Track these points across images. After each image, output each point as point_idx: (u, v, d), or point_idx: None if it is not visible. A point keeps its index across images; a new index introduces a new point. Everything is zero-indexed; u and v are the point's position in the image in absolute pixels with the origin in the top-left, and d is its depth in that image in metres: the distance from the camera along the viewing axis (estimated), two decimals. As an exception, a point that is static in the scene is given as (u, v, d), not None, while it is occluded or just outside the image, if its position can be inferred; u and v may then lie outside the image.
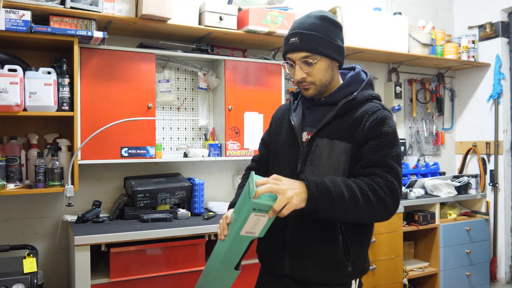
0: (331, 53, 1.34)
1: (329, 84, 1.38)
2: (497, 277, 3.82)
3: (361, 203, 1.21)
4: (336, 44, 1.35)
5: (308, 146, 1.38)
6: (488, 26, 3.82)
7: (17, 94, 2.07)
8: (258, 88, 2.77)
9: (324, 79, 1.36)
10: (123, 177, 2.63)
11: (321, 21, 1.34)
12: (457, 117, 4.16)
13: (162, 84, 2.71)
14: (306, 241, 1.34)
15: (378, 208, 1.23)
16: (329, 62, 1.35)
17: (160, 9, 2.32)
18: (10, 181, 2.19)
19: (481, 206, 3.70)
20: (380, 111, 1.34)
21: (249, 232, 1.23)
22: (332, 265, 1.32)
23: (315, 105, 1.43)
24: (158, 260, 2.19)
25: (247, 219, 1.19)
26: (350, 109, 1.35)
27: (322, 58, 1.33)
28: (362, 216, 1.24)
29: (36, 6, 2.08)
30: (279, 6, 2.75)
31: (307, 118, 1.44)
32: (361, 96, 1.37)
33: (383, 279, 2.91)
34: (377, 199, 1.23)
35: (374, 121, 1.31)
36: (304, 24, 1.34)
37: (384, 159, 1.28)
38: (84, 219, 2.34)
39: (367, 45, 3.15)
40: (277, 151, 1.49)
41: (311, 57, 1.32)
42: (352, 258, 1.33)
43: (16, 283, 1.91)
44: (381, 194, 1.23)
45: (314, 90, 1.38)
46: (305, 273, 1.34)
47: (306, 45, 1.32)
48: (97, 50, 2.34)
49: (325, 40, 1.32)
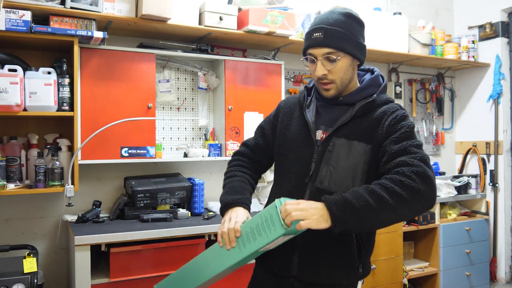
0: (354, 51, 1.32)
1: (348, 83, 1.36)
2: (497, 277, 3.82)
3: (392, 203, 1.13)
4: (359, 42, 1.33)
5: (323, 145, 1.34)
6: (488, 26, 3.82)
7: (17, 94, 2.07)
8: (258, 88, 2.77)
9: (345, 77, 1.33)
10: (123, 177, 2.63)
11: (345, 17, 1.31)
12: (457, 117, 4.16)
13: (162, 84, 2.71)
14: (318, 241, 1.30)
15: (412, 199, 1.14)
16: (351, 60, 1.33)
17: (160, 9, 2.32)
18: (10, 181, 2.19)
19: (481, 206, 3.70)
20: (398, 110, 1.32)
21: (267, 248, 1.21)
22: (346, 266, 1.30)
23: (332, 103, 1.39)
24: (158, 260, 2.19)
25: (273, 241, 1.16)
26: (368, 111, 1.33)
27: (345, 56, 1.30)
28: (401, 214, 1.16)
29: (36, 6, 2.08)
30: (279, 6, 2.76)
31: (322, 117, 1.40)
32: (380, 99, 1.35)
33: (383, 279, 2.91)
34: (408, 191, 1.14)
35: (393, 119, 1.29)
36: (329, 19, 1.30)
37: (407, 147, 1.22)
38: (84, 219, 2.34)
39: (367, 45, 3.13)
40: (286, 147, 1.43)
41: (335, 53, 1.29)
42: (364, 259, 1.33)
43: (16, 283, 1.91)
44: (410, 183, 1.14)
45: (335, 90, 1.34)
46: (316, 274, 1.31)
47: (331, 41, 1.29)
48: (97, 50, 2.34)
49: (349, 38, 1.30)
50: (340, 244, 1.30)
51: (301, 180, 1.35)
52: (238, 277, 2.32)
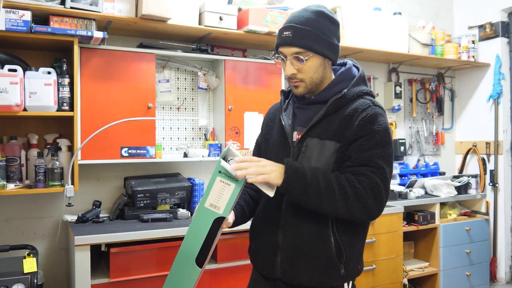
0: (324, 51, 1.29)
1: (320, 82, 1.34)
2: (497, 277, 3.82)
3: (337, 197, 1.21)
4: (330, 41, 1.30)
5: (298, 146, 1.34)
6: (488, 26, 3.82)
7: (17, 94, 2.07)
8: (258, 88, 2.77)
9: (315, 77, 1.32)
10: (123, 177, 2.63)
11: (317, 16, 1.29)
12: (457, 117, 4.16)
13: (162, 84, 2.71)
14: (298, 243, 1.31)
15: (354, 205, 1.22)
16: (321, 60, 1.30)
17: (160, 9, 2.32)
18: (10, 181, 2.19)
19: (481, 206, 3.70)
20: (370, 108, 1.29)
21: (213, 205, 1.18)
22: (325, 267, 1.29)
23: (306, 103, 1.39)
24: (158, 260, 2.19)
25: (212, 185, 1.16)
26: (340, 107, 1.31)
27: (314, 55, 1.28)
28: (338, 210, 1.23)
29: (36, 6, 2.08)
30: (279, 6, 2.75)
31: (298, 118, 1.40)
32: (352, 93, 1.32)
33: (383, 279, 2.91)
34: (355, 197, 1.21)
35: (363, 119, 1.27)
36: (300, 18, 1.29)
37: (372, 159, 1.24)
38: (84, 219, 2.34)
39: (367, 45, 3.15)
40: (268, 151, 1.45)
41: (303, 53, 1.28)
42: (345, 260, 1.30)
43: (16, 283, 1.91)
44: (361, 192, 1.21)
45: (304, 88, 1.34)
46: (297, 276, 1.31)
47: (299, 40, 1.27)
48: (97, 50, 2.34)
49: (319, 37, 1.28)
50: (318, 246, 1.29)
51: None
52: (238, 278, 2.32)
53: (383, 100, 3.72)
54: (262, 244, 1.41)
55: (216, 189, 1.16)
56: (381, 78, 3.74)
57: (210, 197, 1.18)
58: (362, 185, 1.22)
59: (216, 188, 1.16)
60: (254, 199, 1.52)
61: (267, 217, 1.40)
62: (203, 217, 1.20)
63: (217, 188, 1.16)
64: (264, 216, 1.42)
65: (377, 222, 2.85)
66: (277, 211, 1.36)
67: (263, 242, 1.40)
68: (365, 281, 2.83)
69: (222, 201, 1.18)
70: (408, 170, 3.70)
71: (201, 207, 1.20)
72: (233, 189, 1.17)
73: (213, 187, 1.16)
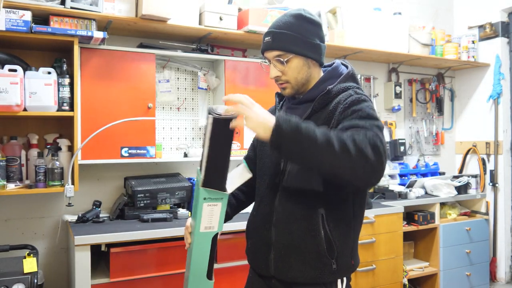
0: (304, 51, 1.33)
1: (306, 82, 1.38)
2: (497, 277, 3.82)
3: (337, 149, 1.08)
4: (310, 42, 1.34)
5: None
6: (488, 26, 3.82)
7: (17, 94, 2.07)
8: (258, 88, 2.77)
9: (299, 77, 1.36)
10: (123, 177, 2.63)
11: (295, 19, 1.34)
12: (457, 117, 4.16)
13: (162, 84, 2.71)
14: (289, 239, 1.33)
15: (357, 159, 1.08)
16: (303, 60, 1.34)
17: (160, 9, 2.32)
18: (10, 181, 2.19)
19: (481, 206, 3.70)
20: (352, 96, 1.29)
21: (208, 227, 1.22)
22: (316, 263, 1.29)
23: (295, 103, 1.43)
24: (158, 260, 2.19)
25: (201, 211, 1.19)
26: (326, 103, 1.34)
27: (295, 57, 1.33)
28: (339, 166, 1.10)
29: (36, 6, 2.08)
30: (279, 6, 2.76)
31: None
32: (337, 89, 1.35)
33: (383, 279, 2.91)
34: (357, 149, 1.09)
35: (344, 106, 1.27)
36: (278, 23, 1.35)
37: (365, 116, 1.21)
38: (84, 219, 2.34)
39: (367, 45, 3.15)
40: (263, 152, 1.48)
41: (283, 55, 1.33)
42: (336, 255, 1.30)
43: (16, 283, 1.91)
44: (361, 144, 1.09)
45: (291, 89, 1.38)
46: (290, 273, 1.32)
47: (278, 44, 1.33)
48: (97, 50, 2.34)
49: (298, 39, 1.32)
50: (308, 241, 1.30)
51: (273, 180, 1.39)
52: (238, 278, 2.32)
53: (383, 100, 3.72)
54: (256, 243, 1.43)
55: (205, 213, 1.21)
56: (381, 78, 3.74)
57: (203, 222, 1.23)
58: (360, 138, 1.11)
59: (205, 213, 1.21)
60: (237, 198, 1.57)
61: (261, 216, 1.43)
62: (202, 240, 1.26)
63: (206, 212, 1.21)
64: (258, 215, 1.45)
65: (377, 222, 2.85)
66: (270, 209, 1.38)
67: (257, 241, 1.43)
68: (365, 281, 2.83)
69: (214, 220, 1.23)
70: (408, 170, 3.70)
71: (197, 233, 1.24)
72: (221, 206, 1.22)
73: (203, 213, 1.21)
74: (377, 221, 2.85)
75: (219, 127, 1.16)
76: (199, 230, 1.23)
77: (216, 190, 1.19)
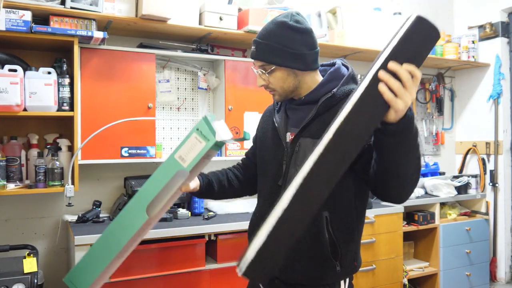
0: (286, 62, 1.30)
1: (295, 89, 1.36)
2: (497, 277, 3.82)
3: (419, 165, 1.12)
4: (293, 52, 1.30)
5: (291, 146, 1.36)
6: (488, 26, 3.82)
7: (17, 94, 2.07)
8: (258, 88, 2.75)
9: (285, 86, 1.35)
10: (123, 177, 2.63)
11: (278, 28, 1.30)
12: (457, 117, 4.16)
13: (162, 84, 2.71)
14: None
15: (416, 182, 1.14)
16: (287, 71, 1.32)
17: (160, 9, 2.32)
18: (10, 181, 2.19)
19: (481, 206, 3.70)
20: None
21: (181, 158, 1.19)
22: (320, 265, 1.30)
23: (296, 104, 1.41)
24: (158, 260, 2.19)
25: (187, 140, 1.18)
26: (330, 106, 1.32)
27: (277, 68, 1.32)
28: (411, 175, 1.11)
29: (36, 6, 2.09)
30: (279, 6, 2.76)
31: (290, 118, 1.42)
32: (341, 92, 1.33)
33: (383, 279, 2.91)
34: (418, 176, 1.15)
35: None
36: (262, 32, 1.33)
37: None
38: (84, 219, 2.34)
39: (367, 45, 3.15)
40: (264, 152, 1.48)
41: (266, 66, 1.33)
42: (340, 257, 1.30)
43: (16, 283, 1.91)
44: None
45: (279, 96, 1.38)
46: (294, 274, 1.32)
47: (261, 55, 1.32)
48: (97, 50, 2.34)
49: (279, 50, 1.29)
50: (313, 244, 1.30)
51: (275, 182, 1.38)
52: (238, 277, 2.32)
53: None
54: None
55: (189, 144, 1.18)
56: (381, 78, 3.73)
57: (181, 150, 1.20)
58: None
59: (189, 143, 1.18)
60: (230, 180, 1.57)
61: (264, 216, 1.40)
62: (168, 167, 1.22)
63: (190, 143, 1.18)
64: (260, 216, 1.44)
65: (377, 222, 2.85)
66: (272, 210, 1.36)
67: None
68: (365, 281, 2.83)
69: (190, 156, 1.19)
70: (408, 170, 3.69)
71: (171, 157, 1.21)
72: (203, 147, 1.18)
73: (187, 142, 1.19)
74: (377, 221, 2.85)
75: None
76: (173, 155, 1.20)
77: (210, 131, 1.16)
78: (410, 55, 0.95)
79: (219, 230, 2.33)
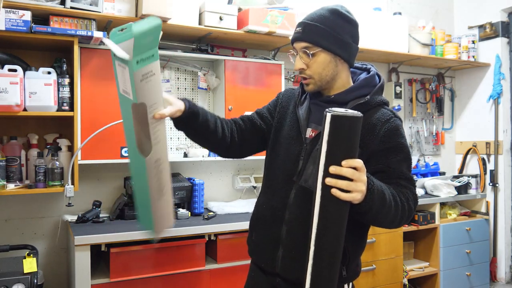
0: (333, 47, 1.29)
1: (331, 80, 1.33)
2: (497, 277, 3.82)
3: (399, 213, 1.23)
4: (341, 39, 1.29)
5: (312, 143, 1.32)
6: (488, 26, 3.82)
7: (17, 94, 2.07)
8: (258, 88, 2.77)
9: (324, 73, 1.31)
10: (123, 177, 2.63)
11: (330, 14, 1.30)
12: (457, 117, 4.16)
13: (162, 84, 2.70)
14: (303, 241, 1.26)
15: (406, 218, 1.27)
16: (330, 56, 1.30)
17: (160, 9, 2.32)
18: (10, 181, 2.19)
19: (481, 206, 3.70)
20: (393, 119, 1.30)
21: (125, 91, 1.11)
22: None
23: (323, 101, 1.37)
24: (158, 260, 2.19)
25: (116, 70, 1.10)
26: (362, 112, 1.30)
27: (322, 51, 1.29)
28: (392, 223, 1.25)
29: (36, 6, 2.08)
30: (279, 6, 2.75)
31: (313, 114, 1.37)
32: (374, 101, 1.32)
33: (383, 279, 2.91)
34: (409, 211, 1.26)
35: (388, 130, 1.28)
36: (312, 15, 1.31)
37: (407, 173, 1.30)
38: (84, 219, 2.34)
39: (367, 45, 3.14)
40: (278, 142, 1.43)
41: (311, 48, 1.29)
42: (348, 262, 1.30)
43: (16, 283, 1.91)
44: (411, 206, 1.27)
45: (314, 85, 1.34)
46: (297, 273, 1.28)
47: (307, 35, 1.29)
48: (97, 50, 2.34)
49: (328, 33, 1.28)
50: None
51: (288, 177, 1.35)
52: (238, 277, 2.32)
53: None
54: (263, 236, 1.40)
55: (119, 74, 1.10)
56: (381, 78, 3.74)
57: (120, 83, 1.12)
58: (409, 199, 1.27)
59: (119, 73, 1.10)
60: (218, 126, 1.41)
61: (272, 210, 1.38)
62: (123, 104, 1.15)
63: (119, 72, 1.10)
64: (268, 208, 1.40)
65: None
66: (282, 206, 1.34)
67: (264, 235, 1.39)
68: (365, 281, 2.83)
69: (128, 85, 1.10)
70: (408, 170, 3.69)
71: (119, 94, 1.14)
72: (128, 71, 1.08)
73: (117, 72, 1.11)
74: (377, 221, 2.85)
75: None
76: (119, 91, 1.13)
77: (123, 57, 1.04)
78: (344, 151, 1.04)
79: (219, 230, 2.33)
